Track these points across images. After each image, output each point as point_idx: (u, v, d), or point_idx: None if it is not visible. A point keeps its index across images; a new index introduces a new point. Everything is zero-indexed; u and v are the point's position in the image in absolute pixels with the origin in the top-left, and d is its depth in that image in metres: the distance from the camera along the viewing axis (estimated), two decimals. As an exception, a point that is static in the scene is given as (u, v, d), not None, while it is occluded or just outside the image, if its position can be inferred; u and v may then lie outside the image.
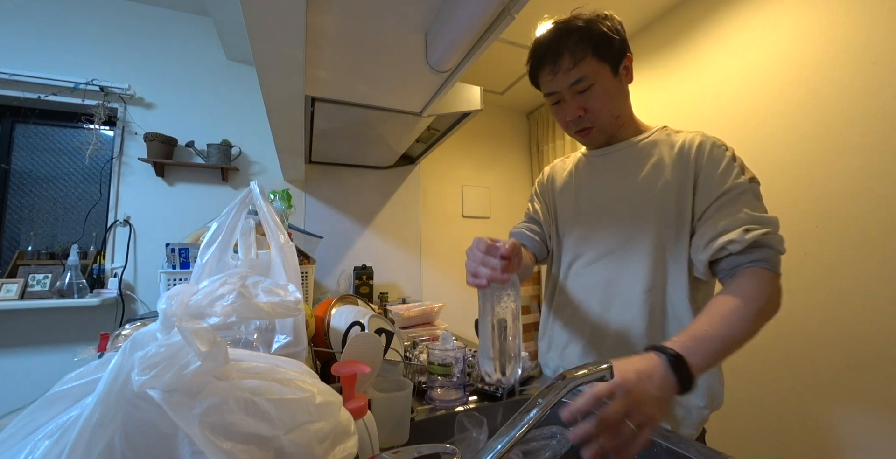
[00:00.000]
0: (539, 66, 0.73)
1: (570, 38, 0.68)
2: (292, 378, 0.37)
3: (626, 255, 0.72)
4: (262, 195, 0.62)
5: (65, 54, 1.76)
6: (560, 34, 0.69)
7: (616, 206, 0.75)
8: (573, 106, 0.72)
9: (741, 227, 0.59)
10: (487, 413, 0.76)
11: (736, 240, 0.59)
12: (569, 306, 0.81)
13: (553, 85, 0.72)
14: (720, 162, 0.66)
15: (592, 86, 0.69)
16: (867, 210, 1.17)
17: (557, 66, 0.69)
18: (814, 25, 1.32)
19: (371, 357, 0.61)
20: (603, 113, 0.72)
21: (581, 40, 0.68)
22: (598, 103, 0.71)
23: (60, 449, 0.27)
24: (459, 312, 2.52)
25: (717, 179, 0.65)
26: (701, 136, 0.70)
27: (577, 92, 0.70)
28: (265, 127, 1.43)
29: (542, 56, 0.72)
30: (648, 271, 0.69)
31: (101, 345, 0.77)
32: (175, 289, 0.43)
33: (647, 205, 0.71)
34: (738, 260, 0.60)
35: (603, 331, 0.75)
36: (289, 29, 0.76)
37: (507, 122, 2.92)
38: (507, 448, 0.37)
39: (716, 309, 0.57)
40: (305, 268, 1.22)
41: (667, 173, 0.70)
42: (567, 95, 0.72)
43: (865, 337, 1.16)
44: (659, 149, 0.73)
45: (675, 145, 0.71)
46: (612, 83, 0.71)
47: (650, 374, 0.47)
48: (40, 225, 1.82)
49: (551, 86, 0.72)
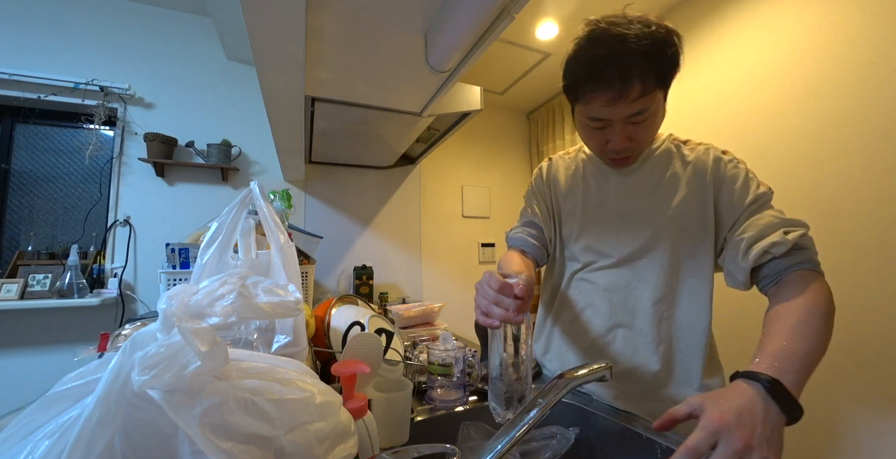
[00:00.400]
0: (594, 86, 0.60)
1: (641, 61, 0.57)
2: (292, 378, 0.37)
3: (637, 265, 0.72)
4: (262, 195, 0.62)
5: (65, 54, 1.76)
6: (631, 56, 0.57)
7: (629, 217, 0.73)
8: (622, 135, 0.65)
9: (780, 230, 0.59)
10: (487, 414, 0.76)
11: (779, 242, 0.57)
12: (570, 311, 0.80)
13: (607, 113, 0.62)
14: (738, 176, 0.66)
15: (649, 117, 0.63)
16: (867, 210, 1.17)
17: (624, 95, 0.58)
18: (814, 25, 1.32)
19: (371, 357, 0.61)
20: (646, 141, 0.69)
21: (652, 67, 0.58)
22: (646, 133, 0.66)
23: (60, 449, 0.27)
24: (459, 312, 2.52)
25: (740, 192, 0.65)
26: (713, 152, 0.70)
27: (631, 122, 0.63)
28: (265, 127, 1.43)
29: (603, 78, 0.59)
30: (661, 283, 0.69)
31: (101, 345, 0.77)
32: (175, 289, 0.43)
33: (662, 219, 0.70)
34: (783, 264, 0.59)
35: (607, 338, 0.74)
36: (289, 29, 0.76)
37: (507, 122, 2.92)
38: (507, 448, 0.37)
39: (784, 321, 0.52)
40: (305, 268, 1.22)
41: (683, 188, 0.69)
42: (618, 124, 0.64)
43: (866, 336, 1.16)
44: (671, 162, 0.72)
45: (686, 159, 0.71)
46: (661, 109, 0.65)
47: (751, 410, 0.40)
48: (40, 225, 1.82)
49: (604, 114, 0.63)
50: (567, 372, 0.46)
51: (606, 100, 0.60)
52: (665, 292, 0.69)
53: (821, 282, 0.57)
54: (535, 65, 2.22)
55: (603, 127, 0.65)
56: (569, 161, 0.85)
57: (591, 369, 0.46)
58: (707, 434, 0.37)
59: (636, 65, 0.57)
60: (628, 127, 0.64)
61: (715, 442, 0.37)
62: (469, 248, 2.67)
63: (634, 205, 0.73)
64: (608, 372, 0.47)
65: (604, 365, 0.47)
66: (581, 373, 0.45)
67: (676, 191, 0.69)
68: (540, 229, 0.84)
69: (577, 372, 0.45)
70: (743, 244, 0.61)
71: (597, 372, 0.46)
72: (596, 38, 0.60)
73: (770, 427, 0.39)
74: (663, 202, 0.70)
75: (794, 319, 0.51)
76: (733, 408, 0.39)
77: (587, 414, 0.70)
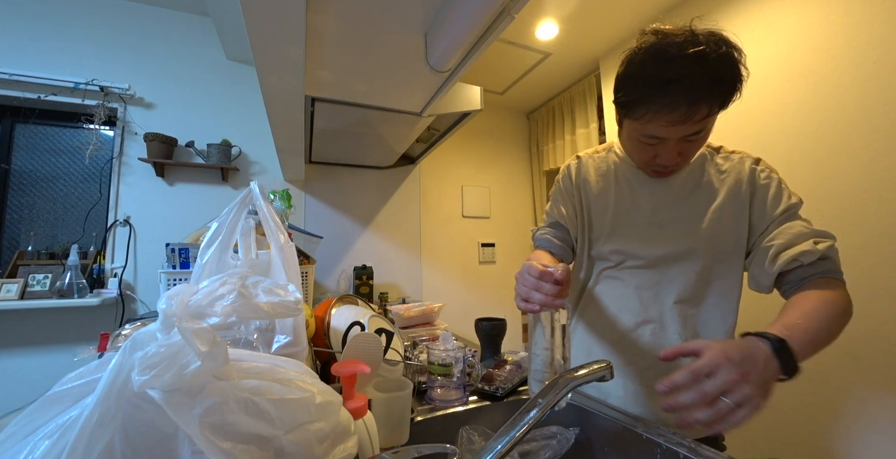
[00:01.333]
0: (658, 108, 0.58)
1: (711, 86, 0.55)
2: (292, 378, 0.37)
3: (669, 269, 0.73)
4: (262, 195, 0.62)
5: (65, 54, 1.76)
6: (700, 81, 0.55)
7: (662, 223, 0.74)
8: (673, 152, 0.64)
9: (810, 240, 0.61)
10: (487, 414, 0.76)
11: (809, 251, 0.60)
12: (598, 306, 0.81)
13: (666, 132, 0.61)
14: (770, 185, 0.68)
15: (704, 136, 0.63)
16: (867, 210, 1.17)
17: (689, 118, 0.57)
18: (814, 25, 1.32)
19: (371, 357, 0.61)
20: (693, 156, 0.69)
21: (720, 91, 0.57)
22: (696, 150, 0.67)
23: (60, 449, 0.27)
24: (459, 312, 2.52)
25: (772, 201, 0.67)
26: (748, 162, 0.71)
27: (687, 140, 0.63)
28: (265, 127, 1.43)
29: (669, 102, 0.57)
30: (690, 285, 0.71)
31: (101, 345, 0.77)
32: (175, 289, 0.43)
33: (697, 226, 0.70)
34: (809, 271, 0.61)
35: (636, 333, 0.75)
36: (289, 29, 0.76)
37: (507, 122, 2.92)
38: (507, 449, 0.37)
39: (799, 306, 0.56)
40: (305, 268, 1.22)
41: (718, 196, 0.70)
42: (673, 142, 0.63)
43: (866, 336, 1.16)
44: (706, 169, 0.73)
45: (721, 167, 0.72)
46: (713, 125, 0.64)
47: (754, 356, 0.45)
48: (40, 225, 1.82)
49: (663, 133, 0.61)
50: (567, 371, 0.46)
51: (668, 122, 0.59)
52: (693, 293, 0.71)
53: (842, 289, 0.60)
54: (535, 65, 2.21)
55: (656, 143, 0.65)
56: (599, 160, 0.83)
57: (591, 369, 0.46)
58: (710, 363, 0.43)
59: (706, 89, 0.55)
60: (681, 144, 0.64)
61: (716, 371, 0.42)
62: (469, 248, 2.67)
63: (668, 210, 0.73)
64: (608, 371, 0.47)
65: (604, 364, 0.47)
66: (581, 373, 0.45)
67: (711, 199, 0.70)
68: (566, 230, 0.84)
69: (577, 372, 0.46)
70: (772, 250, 0.63)
71: (597, 372, 0.46)
72: (663, 55, 0.57)
73: (766, 377, 0.44)
74: (698, 209, 0.71)
75: (809, 305, 0.55)
76: (739, 351, 0.44)
77: (587, 414, 0.70)
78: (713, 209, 0.70)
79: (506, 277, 2.76)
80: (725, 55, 0.56)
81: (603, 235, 0.79)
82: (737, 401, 0.42)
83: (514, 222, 2.85)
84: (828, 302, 0.56)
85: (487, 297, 2.69)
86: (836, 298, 0.57)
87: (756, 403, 0.42)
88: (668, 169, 0.70)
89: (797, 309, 0.55)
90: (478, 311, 2.54)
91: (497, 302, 2.71)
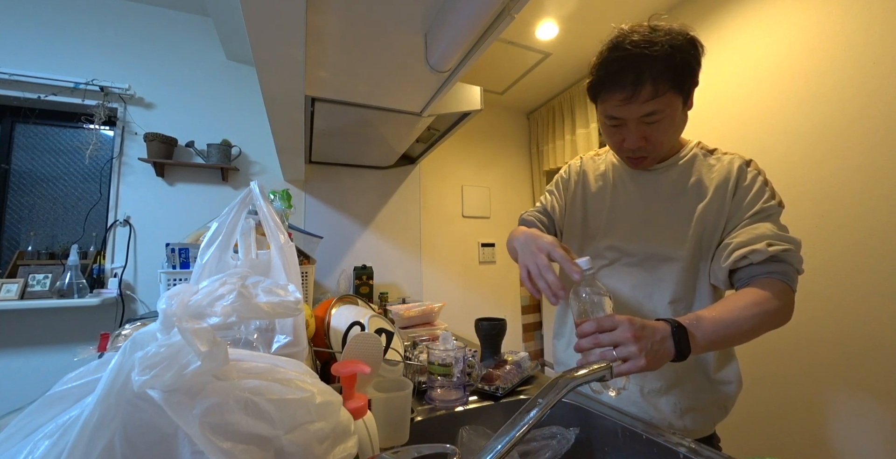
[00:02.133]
0: (611, 87, 0.66)
1: (655, 65, 0.61)
2: (292, 378, 0.37)
3: (659, 266, 0.74)
4: (262, 195, 0.62)
5: (65, 54, 1.76)
6: (645, 60, 0.61)
7: (654, 220, 0.76)
8: (636, 135, 0.68)
9: (765, 241, 0.62)
10: (487, 414, 0.76)
11: (758, 251, 0.61)
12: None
13: (621, 111, 0.66)
14: (753, 185, 0.69)
15: (663, 118, 0.66)
16: (867, 209, 1.17)
17: (635, 96, 0.63)
18: (814, 25, 1.32)
19: (371, 357, 0.61)
20: (663, 144, 0.71)
21: (666, 71, 0.62)
22: (661, 135, 0.69)
23: (60, 449, 0.27)
24: (459, 312, 2.52)
25: (749, 201, 0.68)
26: (738, 162, 0.72)
27: (645, 122, 0.66)
28: (265, 127, 1.42)
29: (618, 79, 0.64)
30: (680, 283, 0.72)
31: (101, 345, 0.77)
32: (175, 289, 0.43)
33: (685, 223, 0.72)
34: (756, 271, 0.63)
35: None
36: (289, 29, 0.76)
37: (507, 122, 2.92)
38: (507, 449, 0.37)
39: (729, 301, 0.60)
40: (305, 268, 1.22)
41: (706, 197, 0.71)
42: (632, 124, 0.67)
43: (866, 336, 1.16)
44: (698, 170, 0.74)
45: (712, 167, 0.73)
46: (680, 115, 0.68)
47: (655, 330, 0.52)
48: (40, 225, 1.82)
49: (619, 113, 0.67)
50: (567, 371, 0.46)
51: (619, 100, 0.65)
52: (685, 292, 0.73)
53: (782, 291, 0.61)
54: (535, 65, 2.21)
55: (618, 125, 0.69)
56: (598, 161, 0.88)
57: (591, 369, 0.46)
58: (614, 321, 0.52)
59: (649, 68, 0.61)
60: (642, 127, 0.67)
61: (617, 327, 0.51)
62: (469, 248, 2.67)
63: (659, 208, 0.76)
64: (608, 372, 0.47)
65: (604, 364, 0.47)
66: (581, 373, 0.46)
67: (700, 198, 0.72)
68: (552, 220, 0.89)
69: (577, 372, 0.46)
70: (729, 247, 0.66)
71: (597, 372, 0.46)
72: (617, 43, 0.65)
73: (656, 348, 0.51)
74: (687, 207, 0.73)
75: (735, 303, 0.59)
76: (642, 322, 0.52)
77: (587, 414, 0.70)
78: (700, 208, 0.71)
79: (506, 277, 2.76)
80: (671, 40, 0.62)
81: (599, 232, 0.82)
82: (622, 355, 0.50)
83: (515, 222, 2.82)
84: (756, 302, 0.59)
85: (487, 297, 2.69)
86: (767, 299, 0.59)
87: (639, 363, 0.49)
88: (636, 155, 0.72)
89: (723, 304, 0.60)
90: (478, 311, 2.54)
91: (497, 302, 2.71)
